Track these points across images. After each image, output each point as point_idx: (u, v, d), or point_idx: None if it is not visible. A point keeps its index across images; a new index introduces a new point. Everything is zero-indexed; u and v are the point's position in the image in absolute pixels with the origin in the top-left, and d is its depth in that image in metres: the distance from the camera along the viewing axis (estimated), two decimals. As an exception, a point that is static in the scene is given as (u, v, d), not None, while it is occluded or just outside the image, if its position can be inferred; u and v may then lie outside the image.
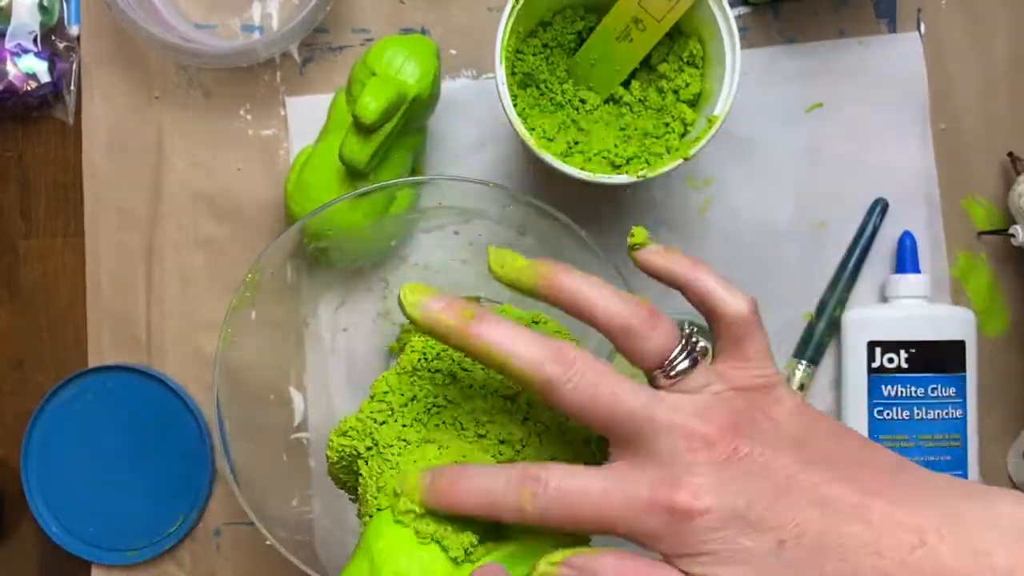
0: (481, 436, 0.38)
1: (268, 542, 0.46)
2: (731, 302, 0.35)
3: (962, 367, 0.54)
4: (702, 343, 0.35)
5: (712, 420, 0.32)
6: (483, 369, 0.39)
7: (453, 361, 0.40)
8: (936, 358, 0.54)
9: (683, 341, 0.34)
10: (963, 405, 0.54)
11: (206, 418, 0.57)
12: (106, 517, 0.57)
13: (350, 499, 0.44)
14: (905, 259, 0.55)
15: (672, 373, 0.34)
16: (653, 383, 0.34)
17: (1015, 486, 0.56)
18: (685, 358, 0.34)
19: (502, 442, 0.38)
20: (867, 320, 0.55)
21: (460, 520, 0.35)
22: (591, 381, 0.33)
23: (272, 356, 0.54)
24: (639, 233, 0.37)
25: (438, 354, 0.40)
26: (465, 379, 0.39)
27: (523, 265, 0.35)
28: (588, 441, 0.38)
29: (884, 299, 0.56)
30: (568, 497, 0.32)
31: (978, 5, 0.57)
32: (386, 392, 0.40)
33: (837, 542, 0.30)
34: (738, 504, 0.31)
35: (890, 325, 0.54)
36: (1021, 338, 0.57)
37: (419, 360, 0.40)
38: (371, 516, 0.36)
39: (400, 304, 0.35)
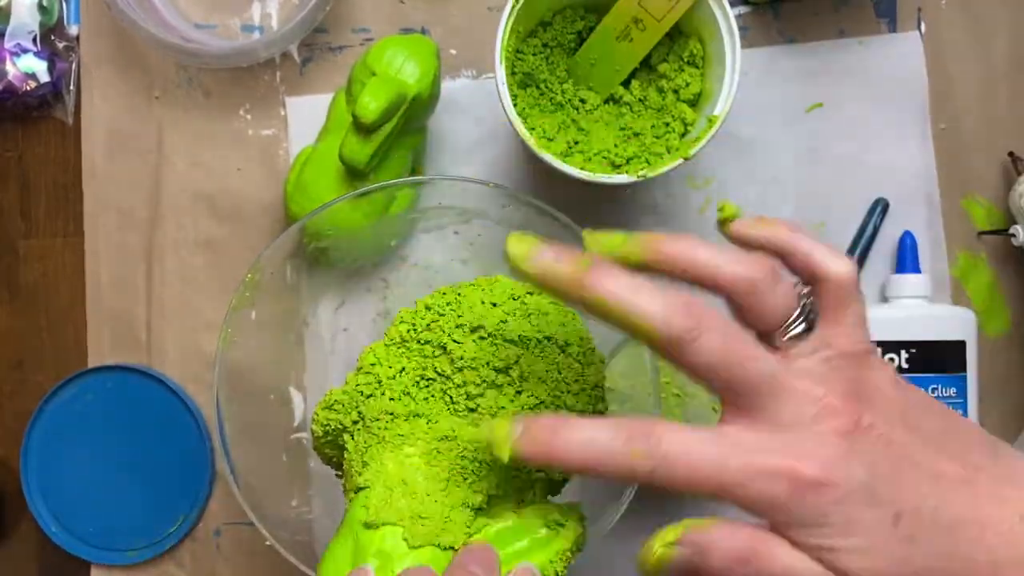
0: (471, 410, 0.37)
1: (268, 542, 0.46)
2: (836, 264, 0.34)
3: (962, 367, 0.54)
4: (812, 300, 0.34)
5: (835, 388, 0.31)
6: (475, 341, 0.38)
7: (443, 332, 0.38)
8: (936, 358, 0.54)
9: (802, 302, 0.33)
10: (964, 405, 0.54)
11: (206, 418, 0.57)
12: (106, 517, 0.57)
13: (335, 474, 0.43)
14: (905, 259, 0.55)
15: (790, 335, 0.33)
16: (767, 344, 0.33)
17: (1015, 486, 0.56)
18: (802, 320, 0.33)
19: (493, 416, 0.37)
20: (867, 319, 0.55)
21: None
22: (720, 338, 0.31)
23: (272, 356, 0.54)
24: (728, 207, 0.35)
25: (427, 325, 0.39)
26: (456, 351, 0.38)
27: (623, 240, 0.33)
28: (584, 413, 0.38)
29: (884, 299, 0.56)
30: (684, 457, 0.31)
31: (978, 5, 0.57)
32: (373, 364, 0.39)
33: (948, 516, 0.30)
34: (861, 478, 0.30)
35: (890, 325, 0.54)
36: (1021, 338, 0.57)
37: (408, 331, 0.39)
38: (356, 492, 0.36)
39: (506, 256, 0.32)
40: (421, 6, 0.57)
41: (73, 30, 0.58)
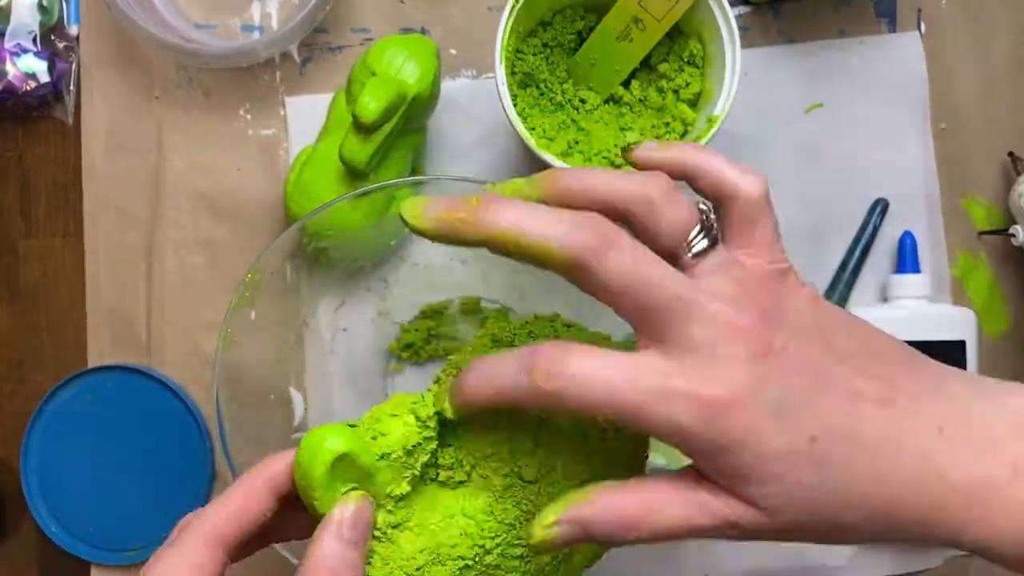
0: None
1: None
2: (746, 179, 0.33)
3: (963, 367, 0.53)
4: (713, 215, 0.33)
5: (747, 310, 0.31)
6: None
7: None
8: (937, 358, 0.53)
9: (702, 217, 0.32)
10: (963, 405, 0.54)
11: (206, 418, 0.57)
12: (106, 517, 0.57)
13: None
14: (906, 259, 0.55)
15: (694, 252, 0.32)
16: (673, 265, 0.32)
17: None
18: (704, 236, 0.32)
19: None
20: (867, 320, 0.55)
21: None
22: (629, 257, 0.30)
23: (272, 356, 0.54)
24: (629, 136, 0.34)
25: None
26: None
27: (520, 183, 0.33)
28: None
29: (885, 299, 0.56)
30: (590, 379, 0.30)
31: (978, 5, 0.57)
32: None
33: (864, 436, 0.30)
34: (773, 400, 0.30)
35: (890, 325, 0.53)
36: (1021, 338, 0.57)
37: (495, 333, 0.38)
38: (396, 500, 0.35)
39: (403, 220, 0.32)
40: (421, 6, 0.57)
41: (73, 30, 0.58)
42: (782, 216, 0.56)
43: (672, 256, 0.32)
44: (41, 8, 0.57)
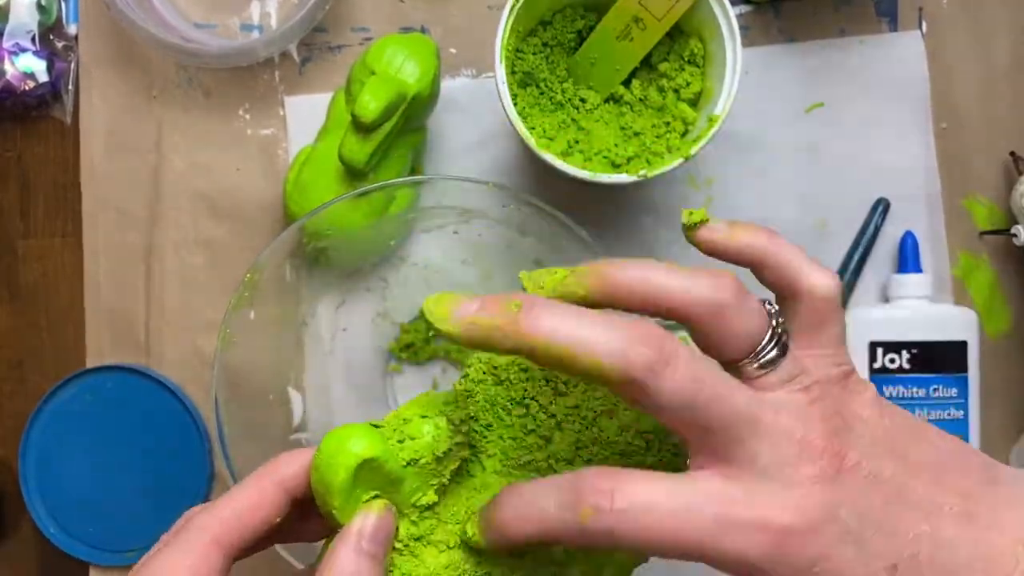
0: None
1: (267, 543, 0.46)
2: (819, 277, 0.30)
3: (964, 368, 0.53)
4: (782, 321, 0.30)
5: (815, 425, 0.28)
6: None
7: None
8: (938, 359, 0.54)
9: (772, 324, 0.29)
10: (965, 406, 0.53)
11: (205, 418, 0.56)
12: (104, 518, 0.57)
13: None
14: (907, 259, 0.55)
15: (762, 363, 0.29)
16: (736, 374, 0.29)
17: (1017, 487, 0.56)
18: (775, 345, 0.29)
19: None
20: (869, 320, 0.55)
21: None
22: (689, 372, 0.27)
23: (271, 356, 0.54)
24: (696, 212, 0.31)
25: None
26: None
27: (563, 275, 0.29)
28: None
29: (886, 299, 0.56)
30: (646, 513, 0.27)
31: (979, 4, 0.57)
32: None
33: (949, 558, 0.28)
34: (849, 525, 0.27)
35: (892, 325, 0.54)
36: (1023, 338, 0.57)
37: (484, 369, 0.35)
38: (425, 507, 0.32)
39: (426, 320, 0.28)
40: (421, 5, 0.57)
41: (72, 29, 0.58)
42: (782, 216, 0.56)
43: (734, 364, 0.29)
44: (40, 7, 0.57)
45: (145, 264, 0.58)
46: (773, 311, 0.30)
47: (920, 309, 0.54)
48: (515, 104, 0.49)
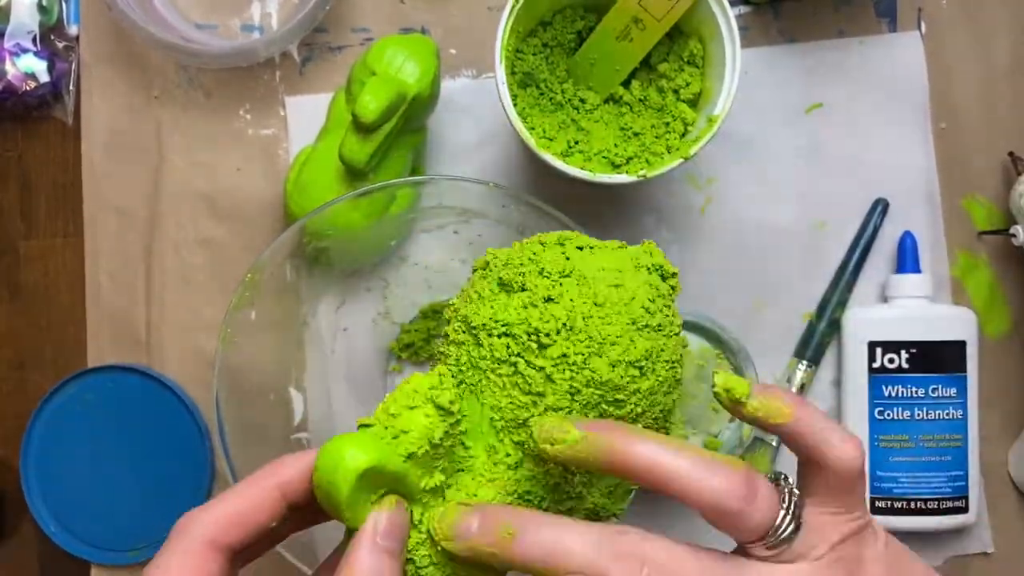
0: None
1: (268, 542, 0.46)
2: (846, 450, 0.31)
3: (963, 368, 0.54)
4: (795, 492, 0.31)
5: None
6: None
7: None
8: (937, 358, 0.54)
9: (785, 503, 0.30)
10: (964, 405, 0.54)
11: (205, 418, 0.57)
12: (105, 517, 0.57)
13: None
14: (906, 259, 0.55)
15: (776, 544, 0.30)
16: (745, 552, 0.31)
17: (1015, 486, 0.56)
18: (790, 523, 0.30)
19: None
20: (868, 320, 0.55)
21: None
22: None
23: (272, 356, 0.54)
24: (732, 384, 0.32)
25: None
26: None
27: (576, 438, 0.30)
28: (612, 492, 0.35)
29: (885, 299, 0.56)
30: None
31: (979, 5, 0.57)
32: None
33: None
34: None
35: (891, 325, 0.54)
36: (1022, 338, 0.57)
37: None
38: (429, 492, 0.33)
39: (433, 539, 0.31)
40: (421, 6, 0.57)
41: (73, 30, 0.58)
42: (782, 216, 0.56)
43: (747, 547, 0.30)
44: (41, 8, 0.57)
45: (145, 264, 0.58)
46: (787, 488, 0.31)
47: (919, 309, 0.54)
48: (515, 104, 0.49)
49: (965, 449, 0.54)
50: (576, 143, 0.51)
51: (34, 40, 0.57)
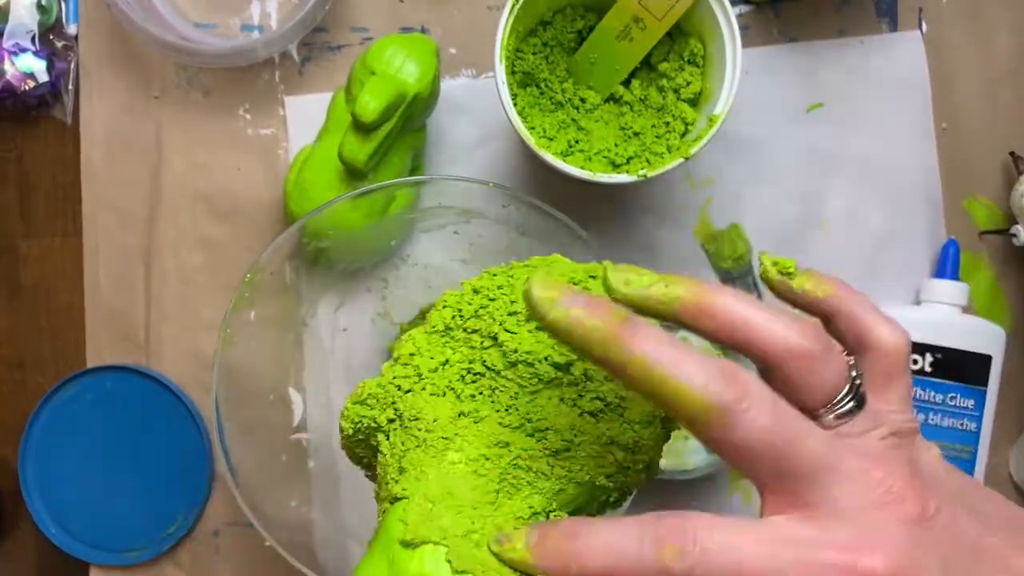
0: (527, 420, 0.32)
1: (267, 543, 0.46)
2: (891, 331, 0.30)
3: (984, 382, 0.53)
4: (862, 387, 0.30)
5: (895, 470, 0.28)
6: (531, 332, 0.33)
7: (494, 320, 0.33)
8: (960, 368, 0.53)
9: (852, 375, 0.29)
10: (979, 419, 0.53)
11: (205, 418, 0.56)
12: (105, 518, 0.57)
13: (366, 475, 0.39)
14: (946, 265, 0.55)
15: (839, 414, 0.29)
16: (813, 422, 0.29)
17: (1016, 485, 0.56)
18: (852, 397, 0.29)
19: (547, 429, 0.32)
20: (898, 319, 0.54)
21: None
22: (771, 412, 0.27)
23: (271, 356, 0.54)
24: (781, 260, 0.32)
25: (476, 311, 0.34)
26: (509, 342, 0.33)
27: (652, 281, 0.29)
28: (651, 421, 0.33)
29: (918, 302, 0.56)
30: (726, 555, 0.26)
31: (979, 4, 0.57)
32: (413, 354, 0.34)
33: None
34: (936, 570, 0.27)
35: (920, 327, 0.53)
36: (1022, 338, 0.57)
37: (453, 317, 0.34)
38: (392, 502, 0.32)
39: (527, 299, 0.28)
40: (421, 5, 0.57)
41: (72, 29, 0.58)
42: (782, 216, 0.56)
43: (811, 413, 0.29)
44: (40, 7, 0.57)
45: (145, 264, 0.58)
46: (851, 362, 0.30)
47: (951, 316, 0.54)
48: (515, 104, 0.49)
49: (973, 462, 0.53)
50: (576, 143, 0.50)
51: (33, 40, 0.57)
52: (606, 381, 0.33)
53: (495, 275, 0.35)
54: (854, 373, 0.29)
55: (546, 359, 0.32)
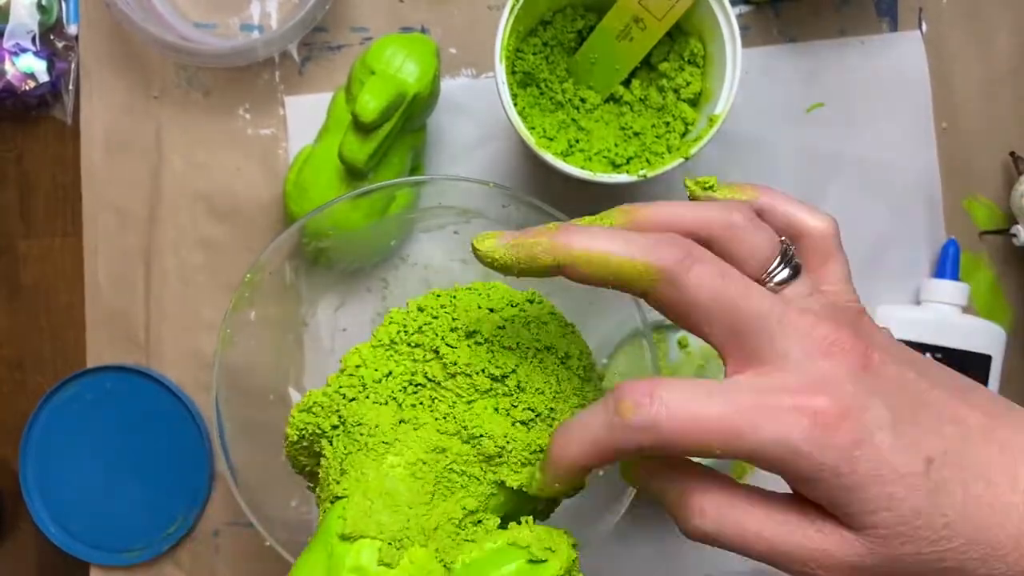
0: (463, 428, 0.35)
1: (267, 543, 0.46)
2: (816, 218, 0.33)
3: (984, 382, 0.53)
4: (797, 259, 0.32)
5: (840, 326, 0.29)
6: (470, 347, 0.36)
7: (436, 335, 0.36)
8: (960, 367, 0.53)
9: (783, 248, 0.31)
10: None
11: (205, 418, 0.56)
12: (105, 518, 0.57)
13: (307, 486, 0.41)
14: (946, 265, 0.55)
15: (776, 281, 0.31)
16: None
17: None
18: (786, 265, 0.31)
19: (481, 436, 0.35)
20: (898, 319, 0.54)
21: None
22: (715, 270, 0.29)
23: (271, 356, 0.54)
24: (703, 179, 0.34)
25: (420, 327, 0.37)
26: (449, 356, 0.36)
27: (595, 217, 0.33)
28: None
29: (918, 302, 0.56)
30: (686, 408, 0.28)
31: (980, 4, 0.57)
32: (358, 366, 0.37)
33: (977, 462, 0.28)
34: (883, 415, 0.28)
35: (920, 327, 0.53)
36: (1022, 338, 0.57)
37: (398, 332, 0.37)
38: (332, 502, 0.34)
39: (475, 254, 0.31)
40: (421, 5, 0.57)
41: (72, 30, 0.58)
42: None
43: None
44: (40, 8, 0.57)
45: (145, 264, 0.58)
46: (784, 239, 0.32)
47: (951, 316, 0.54)
48: (515, 104, 0.49)
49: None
50: (576, 143, 0.50)
51: (33, 40, 0.57)
52: (537, 393, 0.36)
53: (439, 296, 0.38)
54: (785, 246, 0.31)
55: (483, 371, 0.35)
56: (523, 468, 0.35)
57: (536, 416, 0.35)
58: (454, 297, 0.38)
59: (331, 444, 0.36)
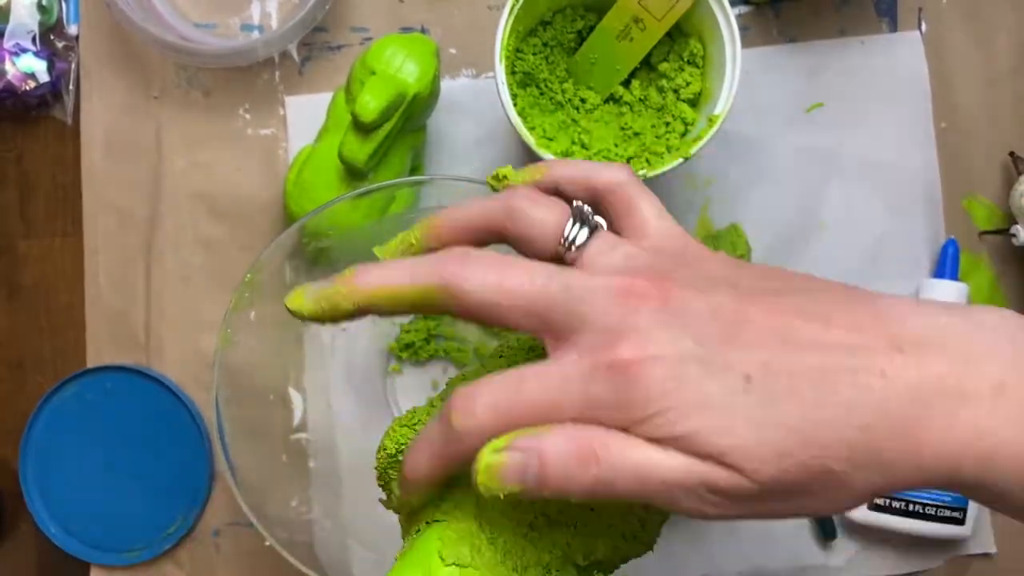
0: None
1: (267, 543, 0.46)
2: (607, 171, 0.33)
3: None
4: (595, 216, 0.32)
5: (638, 273, 0.29)
6: None
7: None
8: None
9: (573, 212, 0.32)
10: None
11: (205, 418, 0.56)
12: (105, 517, 0.57)
13: (381, 499, 0.40)
14: (945, 265, 0.55)
15: (573, 246, 0.31)
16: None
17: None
18: (581, 226, 0.31)
19: None
20: None
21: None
22: (497, 265, 0.29)
23: (272, 356, 0.54)
24: (502, 170, 0.35)
25: (532, 345, 0.36)
26: None
27: (405, 233, 0.34)
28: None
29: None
30: (498, 401, 0.29)
31: (979, 4, 0.57)
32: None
33: (808, 367, 0.27)
34: (687, 346, 0.28)
35: None
36: (1022, 338, 0.57)
37: (505, 347, 0.36)
38: (428, 523, 0.33)
39: (289, 311, 0.32)
40: (421, 5, 0.57)
41: (72, 30, 0.58)
42: (782, 216, 0.56)
43: (557, 259, 0.31)
44: (40, 8, 0.57)
45: (145, 264, 0.58)
46: (576, 203, 0.32)
47: None
48: (515, 104, 0.49)
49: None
50: (576, 143, 0.51)
51: (34, 40, 0.57)
52: None
53: None
54: (577, 208, 0.32)
55: None
56: (620, 520, 0.34)
57: None
58: None
59: None
